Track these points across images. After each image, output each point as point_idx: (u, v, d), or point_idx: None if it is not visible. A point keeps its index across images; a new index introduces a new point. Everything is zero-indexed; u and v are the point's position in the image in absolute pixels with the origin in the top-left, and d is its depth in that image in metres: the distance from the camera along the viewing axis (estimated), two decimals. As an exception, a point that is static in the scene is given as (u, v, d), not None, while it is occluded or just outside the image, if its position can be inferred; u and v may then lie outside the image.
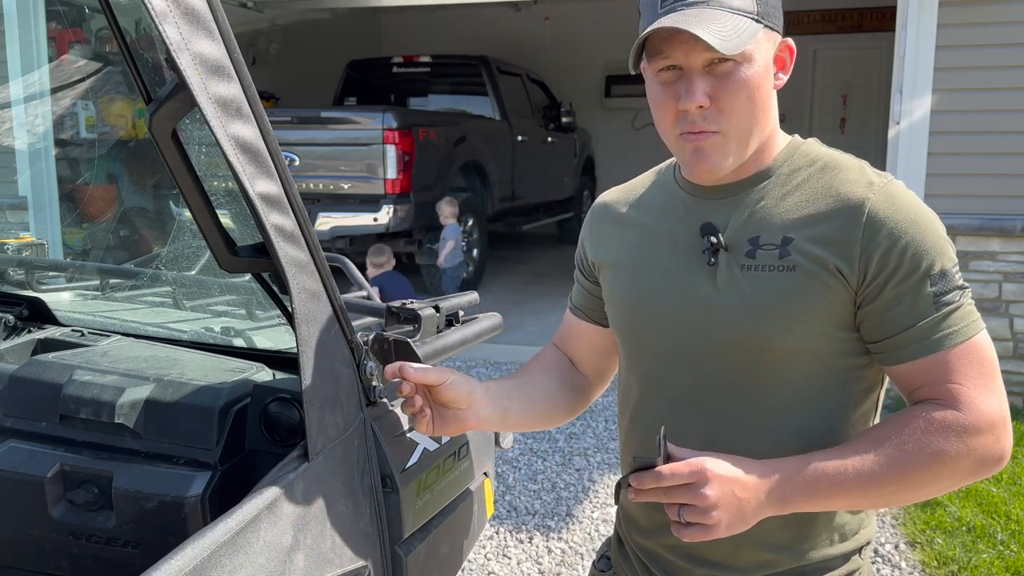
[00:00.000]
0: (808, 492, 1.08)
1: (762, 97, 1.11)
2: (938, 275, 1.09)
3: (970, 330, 1.10)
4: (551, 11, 11.60)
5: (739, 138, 1.12)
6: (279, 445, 1.39)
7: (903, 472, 1.08)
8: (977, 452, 1.08)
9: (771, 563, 1.20)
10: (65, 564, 1.42)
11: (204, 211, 1.22)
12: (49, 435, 1.44)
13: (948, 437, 1.07)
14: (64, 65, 5.27)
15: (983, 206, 4.92)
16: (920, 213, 1.11)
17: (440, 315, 1.53)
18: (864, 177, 1.14)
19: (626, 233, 1.30)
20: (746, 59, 1.08)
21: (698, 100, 1.08)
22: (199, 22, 0.96)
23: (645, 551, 1.30)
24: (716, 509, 1.04)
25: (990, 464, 1.09)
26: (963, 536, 3.40)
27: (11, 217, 6.40)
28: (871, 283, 1.09)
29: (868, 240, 1.09)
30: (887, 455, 1.08)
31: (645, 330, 1.25)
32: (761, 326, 1.13)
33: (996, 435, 1.08)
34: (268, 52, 9.98)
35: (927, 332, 1.09)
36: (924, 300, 1.09)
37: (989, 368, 1.11)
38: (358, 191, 6.84)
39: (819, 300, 1.11)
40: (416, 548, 1.37)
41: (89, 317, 1.96)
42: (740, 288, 1.15)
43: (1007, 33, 4.77)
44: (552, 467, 4.15)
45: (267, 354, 1.70)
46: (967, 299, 1.11)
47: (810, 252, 1.11)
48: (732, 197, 1.19)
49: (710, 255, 1.17)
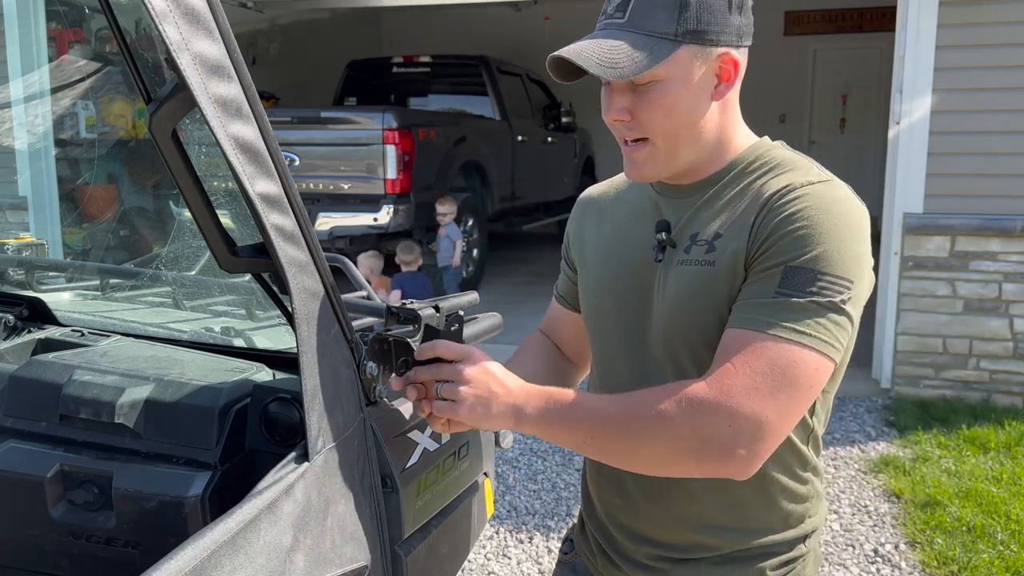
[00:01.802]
0: (543, 416, 1.12)
1: (683, 112, 1.14)
2: (796, 268, 1.06)
3: (793, 336, 1.05)
4: (551, 11, 11.60)
5: (667, 148, 1.16)
6: (279, 445, 1.39)
7: (625, 419, 1.08)
8: (702, 431, 1.04)
9: (713, 546, 1.23)
10: (65, 564, 1.42)
11: (204, 211, 1.22)
12: (49, 435, 1.43)
13: (680, 403, 1.05)
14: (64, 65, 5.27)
15: (983, 206, 4.92)
16: (830, 216, 1.08)
17: (440, 315, 1.53)
18: (799, 176, 1.14)
19: (602, 226, 1.35)
20: (659, 78, 1.11)
21: (613, 115, 1.16)
22: (199, 22, 0.96)
23: (600, 531, 1.36)
24: (467, 386, 1.11)
25: (715, 453, 1.04)
26: (963, 536, 3.40)
27: (11, 217, 6.40)
28: (750, 259, 1.11)
29: (760, 221, 1.11)
30: (622, 403, 1.10)
31: (602, 322, 1.31)
32: (681, 319, 1.17)
33: (735, 429, 1.03)
34: (268, 52, 9.98)
35: (748, 310, 1.08)
36: (767, 282, 1.08)
37: (781, 379, 1.04)
38: (358, 191, 6.84)
39: (729, 294, 1.13)
40: (416, 548, 1.37)
41: (89, 317, 1.96)
42: (670, 283, 1.19)
43: (1007, 33, 4.77)
44: (552, 467, 4.15)
45: (267, 354, 1.70)
46: (820, 311, 1.05)
47: (728, 246, 1.14)
48: (691, 196, 1.22)
49: (658, 251, 1.22)
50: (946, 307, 5.02)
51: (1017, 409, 4.92)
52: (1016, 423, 4.63)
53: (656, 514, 1.26)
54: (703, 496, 1.22)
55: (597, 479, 1.35)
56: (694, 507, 1.22)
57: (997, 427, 4.58)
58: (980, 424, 4.63)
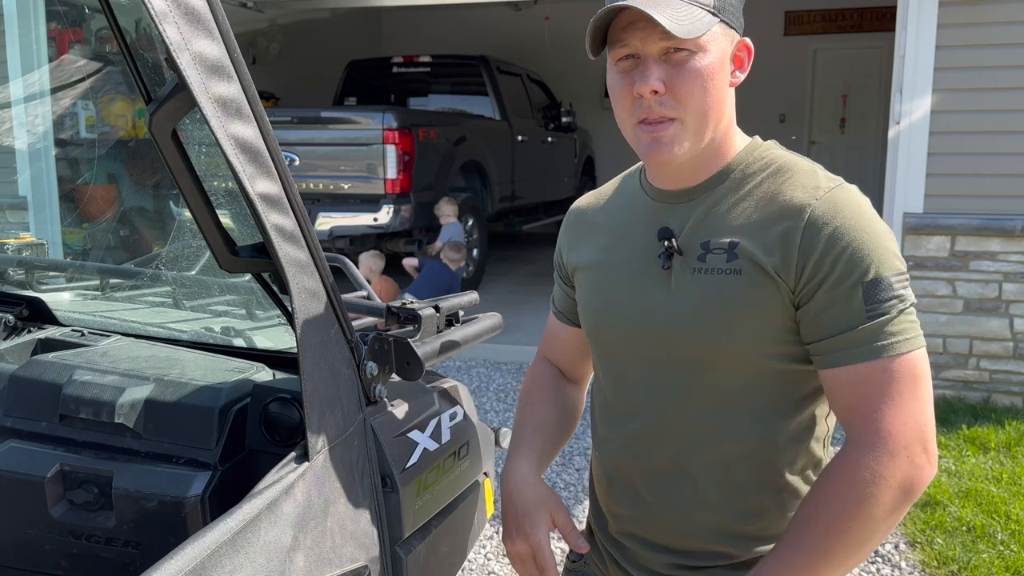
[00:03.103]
0: None
1: (716, 89, 1.12)
2: (871, 283, 1.08)
3: (901, 346, 1.09)
4: (551, 11, 11.61)
5: (695, 127, 1.14)
6: (279, 445, 1.39)
7: (844, 541, 1.08)
8: (896, 478, 1.07)
9: (731, 553, 1.23)
10: (65, 564, 1.42)
11: (204, 211, 1.22)
12: (49, 435, 1.43)
13: (865, 486, 1.07)
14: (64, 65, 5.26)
15: (983, 206, 4.92)
16: (863, 220, 1.10)
17: (440, 315, 1.53)
18: (812, 182, 1.14)
19: (595, 238, 1.33)
20: (701, 48, 1.10)
21: (651, 84, 1.11)
22: (199, 22, 0.96)
23: (612, 543, 1.34)
24: None
25: (914, 485, 1.08)
26: (963, 536, 3.40)
27: (11, 217, 6.40)
28: (805, 286, 1.10)
29: (806, 244, 1.10)
30: (826, 529, 1.09)
31: (608, 333, 1.28)
32: (708, 329, 1.15)
33: (911, 456, 1.07)
34: (268, 52, 9.98)
35: (854, 342, 1.09)
36: (855, 307, 1.09)
37: (912, 385, 1.09)
38: (358, 191, 6.84)
39: (762, 304, 1.12)
40: (416, 548, 1.37)
41: (89, 317, 1.96)
42: (691, 291, 1.17)
43: (1007, 33, 4.77)
44: (552, 467, 4.15)
45: (267, 354, 1.70)
46: (906, 312, 1.10)
47: (753, 256, 1.12)
48: (690, 201, 1.20)
49: (665, 259, 1.19)
50: (946, 307, 5.02)
51: (1017, 409, 4.92)
52: (1016, 423, 4.63)
53: (674, 524, 1.24)
54: (722, 506, 1.21)
55: (609, 491, 1.33)
56: (713, 516, 1.21)
57: (997, 427, 4.58)
58: (980, 424, 4.63)
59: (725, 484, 1.20)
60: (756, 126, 1.25)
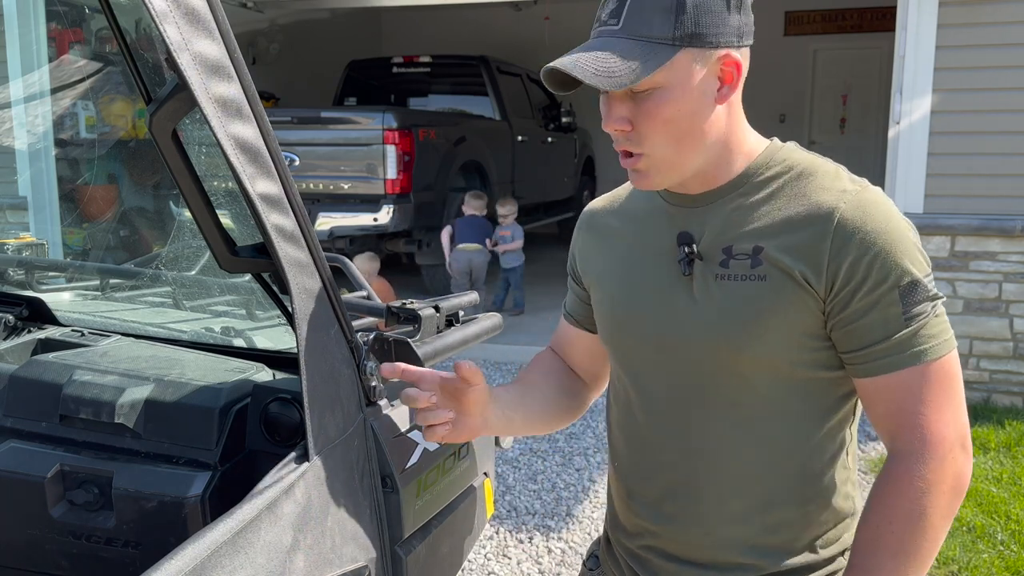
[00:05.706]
0: None
1: (684, 119, 1.10)
2: (907, 287, 1.08)
3: (938, 350, 1.09)
4: (551, 11, 11.60)
5: (668, 160, 1.12)
6: (279, 445, 1.39)
7: (914, 552, 1.09)
8: (947, 482, 1.09)
9: (757, 566, 1.20)
10: (65, 564, 1.42)
11: (204, 211, 1.22)
12: (49, 435, 1.43)
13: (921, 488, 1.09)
14: (64, 65, 5.26)
15: (983, 206, 4.92)
16: (892, 222, 1.09)
17: (440, 315, 1.54)
18: (838, 184, 1.13)
19: (611, 243, 1.30)
20: (658, 85, 1.08)
21: (613, 125, 1.11)
22: (199, 22, 0.96)
23: (630, 554, 1.32)
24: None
25: (962, 483, 1.10)
26: (963, 536, 3.40)
27: (11, 217, 6.40)
28: (839, 293, 1.09)
29: (836, 250, 1.08)
30: (892, 548, 1.09)
31: (627, 340, 1.25)
32: (734, 335, 1.13)
33: (954, 457, 1.09)
34: (268, 52, 9.98)
35: (893, 349, 1.09)
36: (893, 313, 1.08)
37: (948, 387, 1.10)
38: (358, 191, 6.84)
39: (790, 310, 1.11)
40: (416, 548, 1.37)
41: (89, 317, 1.96)
42: (714, 298, 1.15)
43: (1007, 33, 4.77)
44: (552, 467, 4.15)
45: (267, 354, 1.70)
46: (938, 311, 1.10)
47: (780, 261, 1.10)
48: (709, 205, 1.18)
49: (686, 265, 1.17)
50: (946, 307, 5.01)
51: (1017, 409, 4.92)
52: (1016, 423, 4.63)
53: (699, 538, 1.22)
54: (748, 519, 1.19)
55: (629, 505, 1.30)
56: (741, 529, 1.19)
57: (997, 427, 4.58)
58: (980, 424, 4.63)
59: (750, 496, 1.18)
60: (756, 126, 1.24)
